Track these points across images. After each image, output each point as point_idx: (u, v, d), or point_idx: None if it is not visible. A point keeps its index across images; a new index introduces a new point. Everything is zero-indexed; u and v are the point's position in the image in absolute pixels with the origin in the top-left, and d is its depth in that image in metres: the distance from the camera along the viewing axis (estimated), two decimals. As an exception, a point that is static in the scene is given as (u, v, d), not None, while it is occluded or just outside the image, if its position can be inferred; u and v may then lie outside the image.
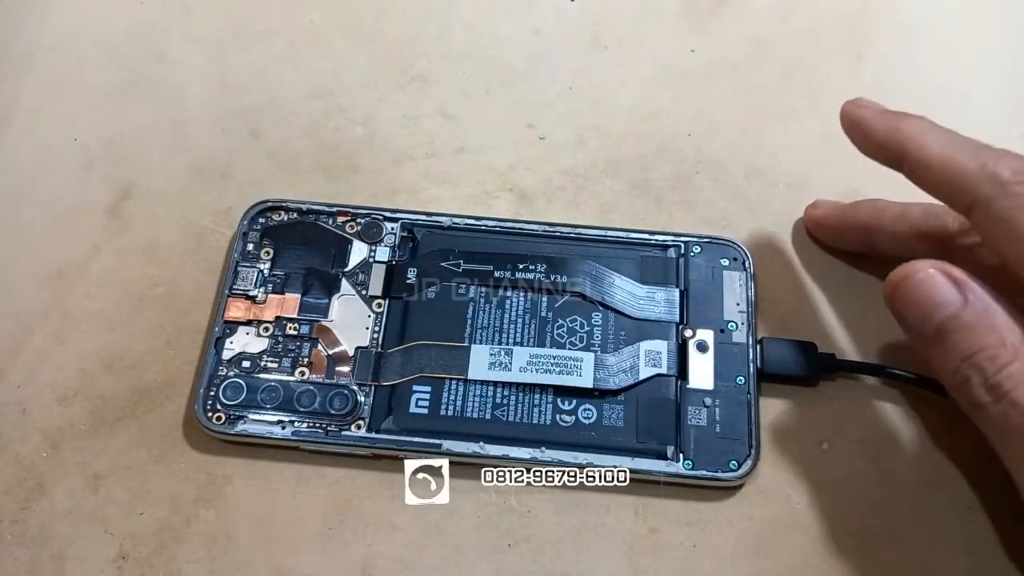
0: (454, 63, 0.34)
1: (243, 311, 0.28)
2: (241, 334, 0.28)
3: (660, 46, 0.35)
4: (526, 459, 0.26)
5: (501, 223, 0.29)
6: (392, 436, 0.26)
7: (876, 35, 0.35)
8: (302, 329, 0.28)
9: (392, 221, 0.30)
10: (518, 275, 0.28)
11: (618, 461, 0.26)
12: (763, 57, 0.34)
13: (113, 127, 0.32)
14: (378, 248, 0.29)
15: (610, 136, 0.33)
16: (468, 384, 0.27)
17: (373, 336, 0.28)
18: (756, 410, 0.26)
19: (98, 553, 0.26)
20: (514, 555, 0.26)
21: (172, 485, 0.27)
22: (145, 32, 0.35)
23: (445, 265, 0.29)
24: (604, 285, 0.28)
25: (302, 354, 0.28)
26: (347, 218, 0.30)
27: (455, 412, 0.27)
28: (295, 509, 0.26)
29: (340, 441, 0.26)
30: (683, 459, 0.26)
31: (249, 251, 0.29)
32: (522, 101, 0.33)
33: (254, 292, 0.28)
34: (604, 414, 0.27)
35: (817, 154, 0.32)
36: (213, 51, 0.34)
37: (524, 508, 0.26)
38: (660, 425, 0.26)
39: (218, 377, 0.27)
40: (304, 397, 0.27)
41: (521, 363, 0.27)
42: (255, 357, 0.27)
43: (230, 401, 0.27)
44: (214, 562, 0.26)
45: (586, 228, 0.29)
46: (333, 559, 0.26)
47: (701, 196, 0.31)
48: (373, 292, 0.28)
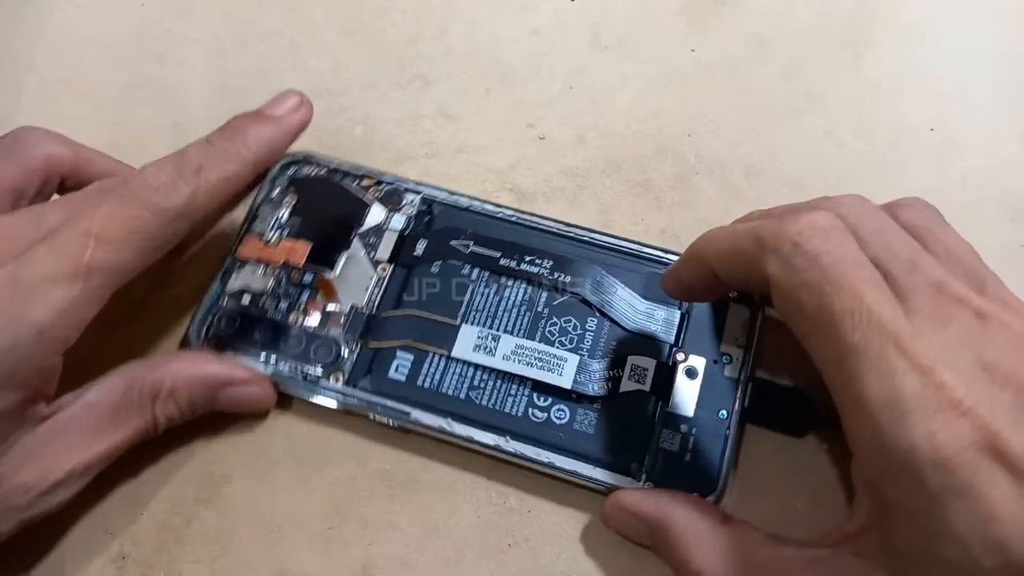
0: (454, 63, 0.34)
1: (255, 250, 0.29)
2: (248, 271, 0.29)
3: (660, 46, 0.35)
4: (490, 445, 0.26)
5: (519, 214, 0.30)
6: (365, 395, 0.27)
7: (876, 35, 0.35)
8: (305, 278, 0.29)
9: (414, 193, 0.30)
10: (523, 266, 0.28)
11: (579, 467, 0.25)
12: (763, 57, 0.34)
13: (114, 129, 0.32)
14: (395, 216, 0.30)
15: (610, 136, 0.33)
16: (450, 361, 0.27)
17: (371, 298, 0.28)
18: (732, 448, 0.26)
19: (98, 553, 0.26)
20: (514, 555, 0.26)
21: (172, 485, 0.27)
22: (146, 34, 0.35)
23: (454, 244, 0.29)
24: (606, 292, 0.28)
25: (300, 301, 0.28)
26: (372, 183, 0.30)
27: (431, 385, 0.27)
28: (295, 509, 0.26)
29: (315, 389, 0.27)
30: (645, 479, 0.25)
31: (273, 196, 0.30)
32: (522, 101, 0.33)
33: (269, 234, 0.29)
34: (577, 418, 0.26)
35: (817, 154, 0.32)
36: (214, 52, 0.34)
37: (524, 508, 0.26)
38: (630, 440, 0.26)
39: (218, 306, 0.28)
40: (291, 341, 0.27)
41: (506, 351, 0.27)
42: (256, 295, 0.28)
43: (223, 331, 0.27)
44: (214, 562, 0.26)
45: (600, 234, 0.29)
46: (333, 559, 0.26)
47: (701, 196, 0.31)
48: (380, 256, 0.29)
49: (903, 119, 0.33)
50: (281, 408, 0.28)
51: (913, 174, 0.32)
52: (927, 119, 0.33)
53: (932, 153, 0.32)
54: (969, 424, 0.18)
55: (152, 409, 0.25)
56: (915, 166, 0.32)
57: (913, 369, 0.19)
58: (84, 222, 0.22)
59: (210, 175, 0.24)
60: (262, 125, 0.26)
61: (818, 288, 0.20)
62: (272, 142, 0.26)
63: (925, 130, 0.32)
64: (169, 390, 0.25)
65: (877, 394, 0.19)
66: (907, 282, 0.20)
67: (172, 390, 0.25)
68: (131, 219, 0.23)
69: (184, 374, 0.25)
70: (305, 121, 0.27)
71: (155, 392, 0.25)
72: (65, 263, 0.22)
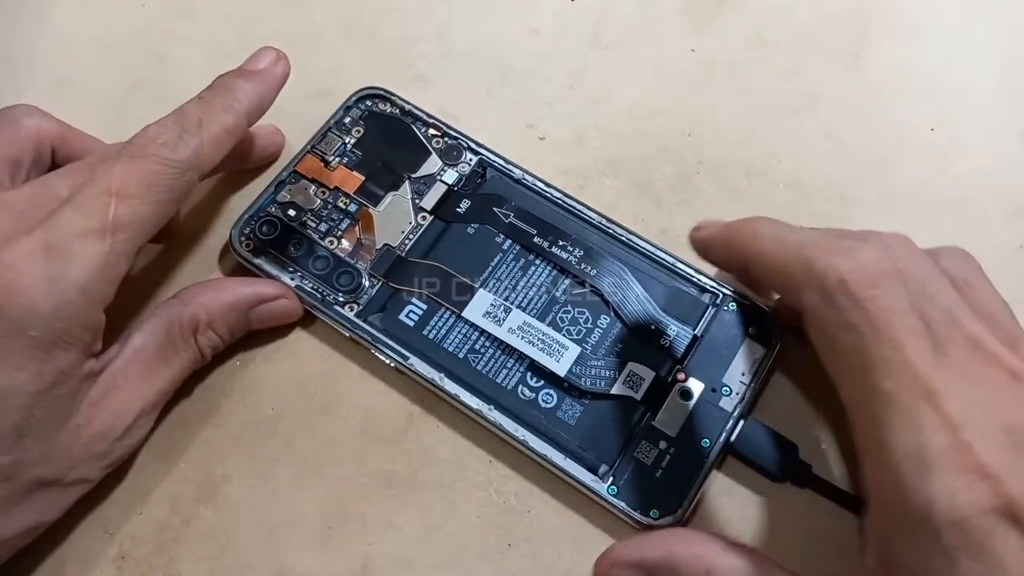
0: (454, 63, 0.34)
1: (313, 170, 0.30)
2: (301, 187, 0.30)
3: (660, 46, 0.35)
4: (472, 408, 0.26)
5: (566, 198, 0.30)
6: (372, 330, 0.27)
7: (876, 35, 0.35)
8: (350, 207, 0.30)
9: (473, 153, 0.31)
10: (554, 249, 0.29)
11: (551, 453, 0.26)
12: (763, 57, 0.34)
13: (115, 130, 0.32)
14: (449, 170, 0.30)
15: (610, 136, 0.33)
16: (459, 320, 0.28)
17: (404, 241, 0.29)
18: (705, 478, 0.25)
19: (98, 553, 0.26)
20: (514, 555, 0.26)
21: (172, 485, 0.27)
22: (146, 34, 0.35)
23: (496, 211, 0.30)
24: (626, 295, 0.28)
25: (339, 227, 0.29)
26: (438, 133, 0.31)
27: (435, 337, 0.28)
28: (295, 509, 0.26)
29: (331, 312, 0.28)
30: (611, 483, 0.25)
31: (345, 123, 0.31)
32: (522, 101, 0.33)
33: (330, 158, 0.31)
34: (562, 406, 0.27)
35: (817, 154, 0.32)
36: (214, 52, 0.34)
37: (524, 508, 0.26)
38: (607, 443, 0.26)
39: (264, 212, 0.29)
40: (320, 262, 0.29)
41: (513, 325, 0.28)
42: (302, 210, 0.30)
43: (263, 236, 0.29)
44: (214, 562, 0.26)
45: (639, 238, 0.29)
46: (333, 559, 0.26)
47: (701, 196, 0.31)
48: (424, 205, 0.30)
49: (903, 119, 0.33)
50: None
51: (913, 173, 0.32)
52: (927, 119, 0.33)
53: (932, 153, 0.32)
54: (990, 489, 0.18)
55: (195, 343, 0.26)
56: (915, 166, 0.32)
57: (943, 426, 0.19)
58: (102, 182, 0.23)
59: (211, 127, 0.25)
60: (248, 80, 0.27)
61: (858, 330, 0.20)
62: (260, 95, 0.27)
63: (925, 130, 0.32)
64: (207, 323, 0.26)
65: (903, 445, 0.19)
66: (945, 334, 0.20)
67: (209, 322, 0.27)
68: (147, 174, 0.24)
69: (216, 303, 0.27)
70: (285, 73, 0.28)
71: (194, 327, 0.26)
72: (92, 220, 0.22)
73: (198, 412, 0.28)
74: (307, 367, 0.28)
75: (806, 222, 0.24)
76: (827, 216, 0.31)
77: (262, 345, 0.29)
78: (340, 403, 0.28)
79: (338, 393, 0.28)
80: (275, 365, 0.28)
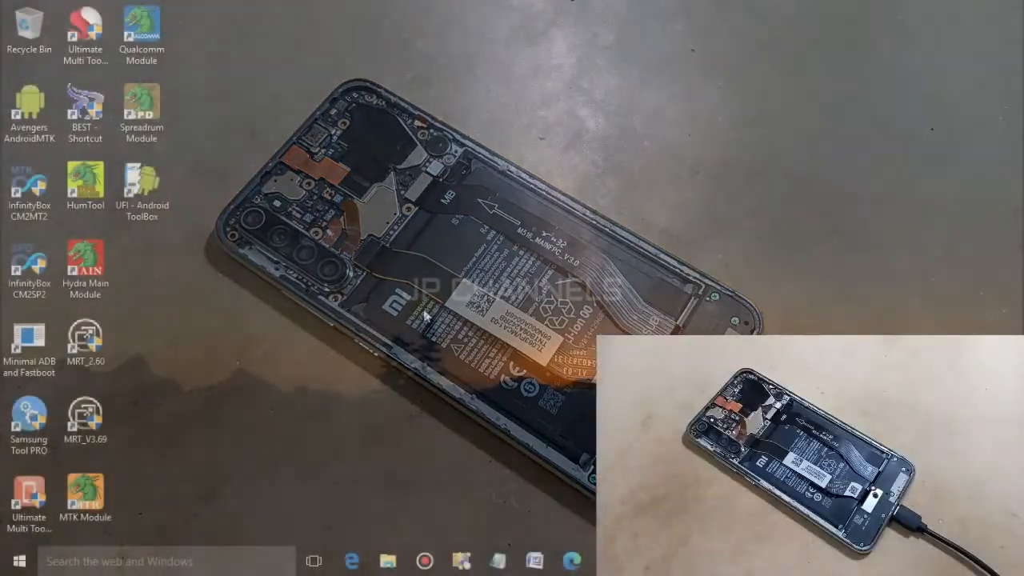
0: (454, 63, 0.34)
1: (299, 161, 0.30)
2: (287, 178, 0.30)
3: (660, 46, 0.35)
4: (454, 397, 0.27)
5: (550, 190, 0.30)
6: (355, 320, 0.28)
7: (876, 35, 0.35)
8: (336, 198, 0.30)
9: (458, 144, 0.31)
10: (538, 240, 0.29)
11: (533, 442, 0.26)
12: (763, 57, 0.34)
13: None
14: (434, 161, 0.31)
15: (610, 136, 0.33)
16: (442, 309, 0.28)
17: (389, 231, 0.29)
18: None
19: (99, 553, 0.26)
20: (514, 555, 0.26)
21: (172, 485, 0.27)
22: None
23: (481, 202, 0.30)
24: (608, 286, 0.28)
25: (324, 218, 0.29)
26: (424, 125, 0.31)
27: (418, 327, 0.28)
28: (295, 509, 0.26)
29: (314, 302, 0.28)
30: (591, 471, 0.26)
31: (331, 114, 0.31)
32: (522, 101, 0.33)
33: (316, 149, 0.31)
34: (544, 396, 0.27)
35: (817, 154, 0.32)
36: (214, 52, 0.34)
37: (524, 508, 0.26)
38: (588, 433, 0.26)
39: (250, 203, 0.29)
40: (304, 252, 0.29)
41: (496, 315, 0.28)
42: (287, 201, 0.30)
43: (248, 226, 0.29)
44: (214, 562, 0.26)
45: (623, 229, 0.29)
46: (333, 557, 0.26)
47: (701, 196, 0.31)
48: (409, 196, 0.30)
49: (903, 119, 0.33)
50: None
51: (913, 174, 0.32)
52: (927, 119, 0.33)
53: (932, 153, 0.32)
54: None
55: None
56: (915, 166, 0.32)
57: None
58: None
59: None
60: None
61: None
62: None
63: (925, 130, 0.32)
64: None
65: None
66: None
67: None
68: None
69: None
70: None
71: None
72: None
73: (198, 412, 0.28)
74: (307, 367, 0.28)
75: (807, 222, 0.25)
76: (829, 215, 0.31)
77: (262, 345, 0.29)
78: (340, 403, 0.28)
79: (338, 393, 0.28)
80: (275, 365, 0.28)
